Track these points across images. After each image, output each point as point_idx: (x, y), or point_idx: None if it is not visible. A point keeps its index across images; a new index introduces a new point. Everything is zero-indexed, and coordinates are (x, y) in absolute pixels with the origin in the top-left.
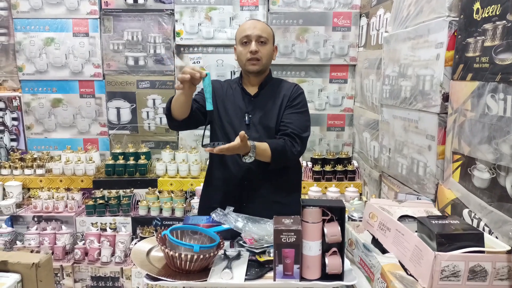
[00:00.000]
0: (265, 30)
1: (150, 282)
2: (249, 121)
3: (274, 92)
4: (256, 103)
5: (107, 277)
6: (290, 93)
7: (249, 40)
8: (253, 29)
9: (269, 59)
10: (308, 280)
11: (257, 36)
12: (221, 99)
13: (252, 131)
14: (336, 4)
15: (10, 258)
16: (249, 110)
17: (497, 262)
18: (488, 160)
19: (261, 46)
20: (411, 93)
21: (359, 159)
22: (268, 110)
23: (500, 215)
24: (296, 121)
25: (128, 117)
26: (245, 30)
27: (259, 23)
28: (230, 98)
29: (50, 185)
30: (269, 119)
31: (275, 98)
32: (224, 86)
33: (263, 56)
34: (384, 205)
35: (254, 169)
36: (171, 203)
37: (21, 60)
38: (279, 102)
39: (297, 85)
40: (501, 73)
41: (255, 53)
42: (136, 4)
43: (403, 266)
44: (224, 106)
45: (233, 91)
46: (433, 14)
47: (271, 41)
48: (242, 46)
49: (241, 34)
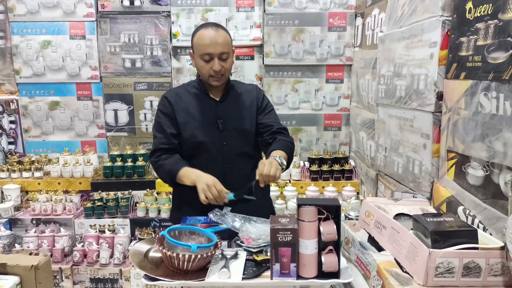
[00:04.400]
0: (226, 43)
1: (148, 282)
2: (222, 126)
3: (240, 95)
4: (224, 108)
5: (106, 278)
6: (257, 96)
7: (211, 58)
8: (214, 46)
9: (231, 69)
10: (304, 279)
11: (219, 53)
12: (184, 108)
13: (227, 136)
14: (331, 4)
15: (9, 260)
16: (219, 115)
17: (490, 258)
18: (482, 158)
19: (223, 62)
20: (406, 92)
21: (356, 159)
22: (239, 114)
23: (494, 212)
24: (274, 119)
25: (126, 119)
26: (206, 47)
27: (220, 36)
28: (194, 105)
29: (48, 188)
30: (243, 123)
31: (243, 101)
32: (182, 94)
33: (226, 70)
34: (380, 203)
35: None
36: (169, 205)
37: (18, 63)
38: (249, 106)
39: (257, 86)
40: (494, 71)
41: (219, 72)
42: (132, 6)
43: (399, 263)
44: (190, 114)
45: (194, 98)
46: (427, 14)
47: (231, 50)
48: (203, 61)
49: (202, 50)
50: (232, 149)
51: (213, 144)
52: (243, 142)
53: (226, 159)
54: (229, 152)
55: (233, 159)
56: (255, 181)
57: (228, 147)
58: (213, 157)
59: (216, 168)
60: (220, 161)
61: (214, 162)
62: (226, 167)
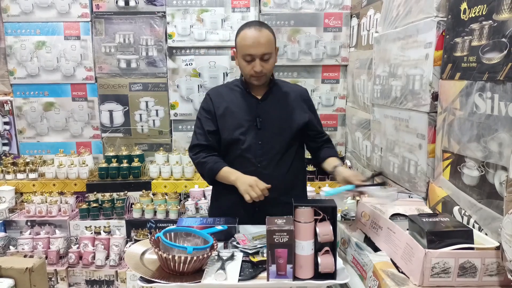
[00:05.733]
0: (269, 44)
1: (144, 284)
2: (260, 125)
3: (281, 94)
4: (265, 106)
5: (101, 280)
6: (303, 95)
7: (252, 59)
8: (256, 48)
9: (273, 69)
10: (301, 280)
11: (261, 54)
12: (224, 105)
13: (265, 135)
14: (327, 5)
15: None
16: (259, 114)
17: (486, 258)
18: (477, 158)
19: (265, 62)
20: (402, 93)
21: (352, 159)
22: (280, 114)
23: (489, 212)
24: (320, 122)
25: (121, 120)
26: (249, 48)
27: (263, 37)
28: (235, 103)
29: (43, 189)
30: (283, 123)
31: (286, 101)
32: (224, 92)
33: (267, 71)
34: (376, 204)
35: (267, 173)
36: (165, 206)
37: (12, 64)
38: (293, 106)
39: (302, 86)
40: (488, 72)
41: (260, 72)
42: (127, 6)
43: (395, 263)
44: (231, 112)
45: (236, 95)
46: (422, 15)
47: (274, 50)
48: (245, 61)
49: (244, 51)
50: (267, 148)
51: (248, 142)
52: (280, 143)
53: (258, 158)
54: (263, 151)
55: (267, 159)
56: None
57: (263, 146)
58: (246, 156)
59: (248, 167)
60: (253, 160)
61: (247, 161)
62: (258, 166)
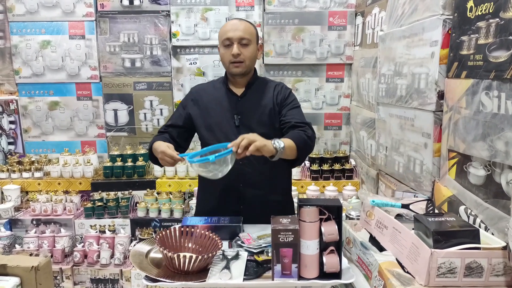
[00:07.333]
0: (247, 30)
1: (149, 283)
2: (238, 122)
3: (261, 92)
4: (244, 103)
5: (106, 279)
6: (281, 92)
7: (231, 43)
8: (234, 31)
9: (252, 60)
10: (306, 279)
11: (239, 38)
12: (204, 103)
13: (243, 132)
14: (331, 3)
15: (9, 261)
16: (238, 111)
17: (492, 258)
18: (483, 157)
19: (244, 48)
20: (407, 91)
21: (356, 158)
22: (258, 111)
23: (496, 212)
24: (296, 115)
25: (126, 119)
26: (227, 32)
27: (242, 24)
28: (216, 100)
29: (48, 188)
30: (260, 120)
31: (264, 97)
32: (207, 89)
33: (246, 58)
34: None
35: (250, 171)
36: (170, 204)
37: (18, 63)
38: (270, 101)
39: (283, 83)
40: (495, 70)
41: (237, 56)
42: (131, 5)
43: (400, 263)
44: (211, 108)
45: (217, 92)
46: (428, 13)
47: (254, 41)
48: (225, 49)
49: (223, 36)
50: None
51: (227, 139)
52: None
53: None
54: None
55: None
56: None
57: None
58: None
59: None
60: None
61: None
62: (240, 164)
